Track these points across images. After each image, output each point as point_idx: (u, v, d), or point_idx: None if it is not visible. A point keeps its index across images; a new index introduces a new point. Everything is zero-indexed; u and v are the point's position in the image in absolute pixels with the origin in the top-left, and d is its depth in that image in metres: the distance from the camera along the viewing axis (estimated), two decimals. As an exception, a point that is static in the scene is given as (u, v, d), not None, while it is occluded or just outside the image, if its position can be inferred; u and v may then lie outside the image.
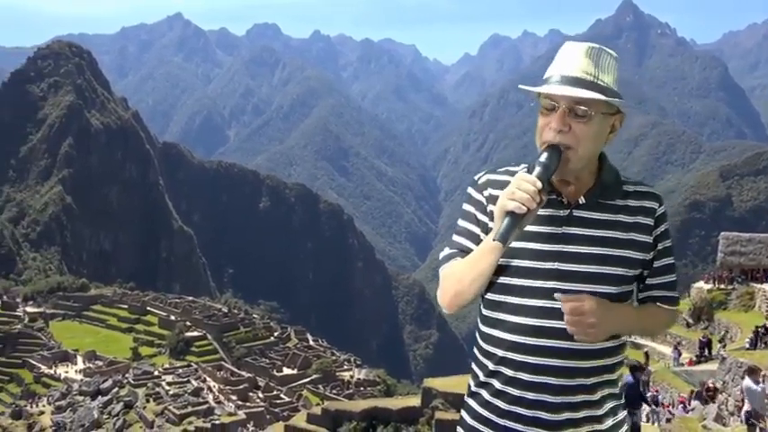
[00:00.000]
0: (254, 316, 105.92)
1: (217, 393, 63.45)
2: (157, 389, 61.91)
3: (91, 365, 78.39)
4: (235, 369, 75.12)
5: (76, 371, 77.82)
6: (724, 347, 23.32)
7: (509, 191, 2.09)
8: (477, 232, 2.29)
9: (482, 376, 2.28)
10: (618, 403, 2.33)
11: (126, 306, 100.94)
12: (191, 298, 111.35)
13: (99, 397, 62.48)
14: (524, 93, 2.28)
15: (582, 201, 2.23)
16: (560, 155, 2.13)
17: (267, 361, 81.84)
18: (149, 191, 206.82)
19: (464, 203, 2.37)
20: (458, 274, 2.20)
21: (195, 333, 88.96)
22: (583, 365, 2.19)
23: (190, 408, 56.24)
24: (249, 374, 72.27)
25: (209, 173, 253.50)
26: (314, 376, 74.65)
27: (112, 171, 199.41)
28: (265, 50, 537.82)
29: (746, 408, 11.47)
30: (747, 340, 21.98)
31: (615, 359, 2.27)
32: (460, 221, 2.36)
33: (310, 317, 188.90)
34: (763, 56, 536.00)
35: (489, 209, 2.27)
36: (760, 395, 11.33)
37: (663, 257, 2.30)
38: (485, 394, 2.27)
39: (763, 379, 11.99)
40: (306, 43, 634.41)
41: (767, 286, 29.03)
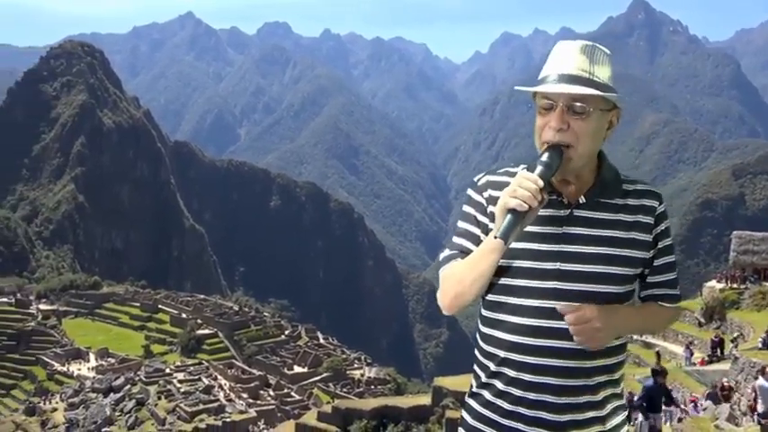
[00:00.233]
0: (264, 314, 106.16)
1: (228, 391, 63.71)
2: (169, 386, 62.22)
3: (103, 363, 78.91)
4: (246, 367, 75.39)
5: (89, 368, 78.42)
6: (736, 347, 23.17)
7: (511, 188, 2.10)
8: (477, 233, 2.29)
9: (484, 377, 2.29)
10: (620, 404, 2.33)
11: (138, 304, 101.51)
12: (202, 296, 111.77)
13: (111, 394, 62.89)
14: (522, 93, 2.29)
15: (582, 200, 2.23)
16: (561, 155, 2.14)
17: (278, 359, 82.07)
18: (161, 189, 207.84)
19: (464, 205, 2.37)
20: (458, 275, 2.20)
21: (206, 331, 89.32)
22: (584, 365, 2.19)
23: (201, 405, 56.53)
24: (260, 372, 72.53)
25: (220, 171, 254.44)
26: (324, 374, 74.78)
27: (124, 170, 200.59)
28: (276, 49, 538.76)
29: (760, 408, 11.42)
30: (760, 340, 21.81)
31: (617, 359, 2.28)
32: (460, 223, 2.36)
33: (321, 315, 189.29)
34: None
35: (489, 210, 2.28)
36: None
37: (664, 256, 2.31)
38: (487, 395, 2.27)
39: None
40: (316, 42, 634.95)
41: (780, 286, 28.81)
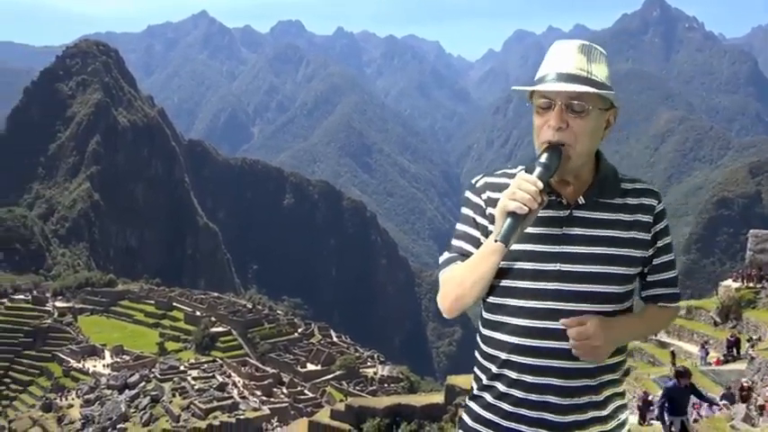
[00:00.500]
0: (278, 312, 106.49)
1: (241, 388, 63.97)
2: (183, 383, 62.52)
3: (118, 360, 79.51)
4: (259, 365, 75.66)
5: (104, 365, 79.04)
6: (753, 347, 22.96)
7: (510, 191, 2.08)
8: (476, 236, 2.28)
9: (485, 379, 2.28)
10: (622, 403, 2.33)
11: (152, 302, 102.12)
12: (216, 294, 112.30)
13: (126, 391, 63.34)
14: (520, 93, 2.31)
15: (581, 201, 2.23)
16: (560, 155, 2.14)
17: (291, 357, 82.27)
18: (175, 188, 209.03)
19: (462, 207, 2.36)
20: (458, 278, 2.19)
21: (220, 329, 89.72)
22: (587, 366, 2.18)
23: (215, 402, 56.80)
24: (273, 370, 72.75)
25: (233, 170, 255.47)
26: (337, 372, 74.92)
27: (139, 168, 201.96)
28: (289, 47, 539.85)
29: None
30: (777, 340, 21.63)
31: (618, 358, 2.27)
32: (459, 225, 2.35)
33: (334, 313, 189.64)
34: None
35: (488, 212, 2.27)
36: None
37: (663, 254, 2.31)
38: (488, 397, 2.26)
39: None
40: (329, 40, 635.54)
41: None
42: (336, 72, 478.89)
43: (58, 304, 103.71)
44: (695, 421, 14.81)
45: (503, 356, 2.21)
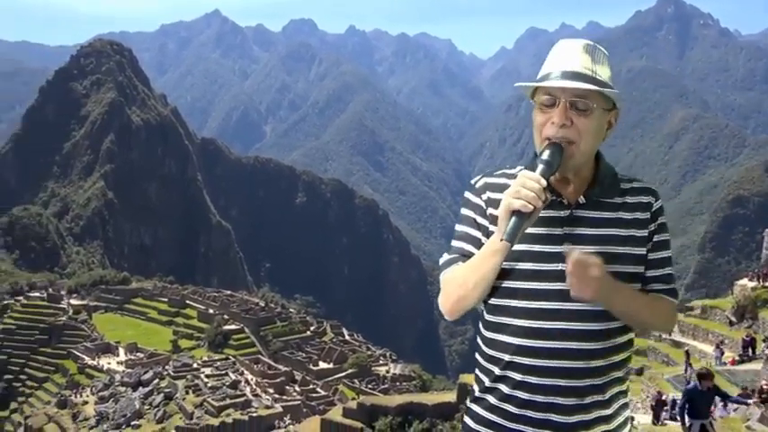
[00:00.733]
0: (290, 310, 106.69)
1: (254, 386, 64.12)
2: (196, 381, 62.87)
3: (132, 357, 79.96)
4: (272, 362, 75.82)
5: (118, 362, 79.47)
6: (769, 347, 22.75)
7: (513, 190, 2.08)
8: (477, 236, 2.28)
9: (488, 382, 2.26)
10: (625, 401, 2.31)
11: (166, 299, 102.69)
12: (228, 292, 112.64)
13: (140, 388, 63.73)
14: (523, 90, 2.28)
15: (582, 200, 2.23)
16: (562, 152, 2.13)
17: (303, 355, 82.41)
18: (188, 186, 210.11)
19: (462, 208, 2.36)
20: (460, 279, 2.19)
21: (233, 326, 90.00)
22: (591, 365, 2.17)
23: (228, 400, 57.04)
24: (286, 368, 72.87)
25: (246, 168, 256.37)
26: (350, 371, 74.96)
27: (152, 167, 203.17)
28: (301, 46, 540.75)
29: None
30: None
31: (624, 355, 2.26)
32: (459, 226, 2.34)
33: (346, 312, 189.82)
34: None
35: (489, 212, 2.26)
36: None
37: (659, 250, 2.30)
38: (491, 399, 2.24)
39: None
40: (341, 38, 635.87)
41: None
42: (348, 70, 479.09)
43: (73, 302, 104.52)
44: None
45: (506, 358, 2.20)
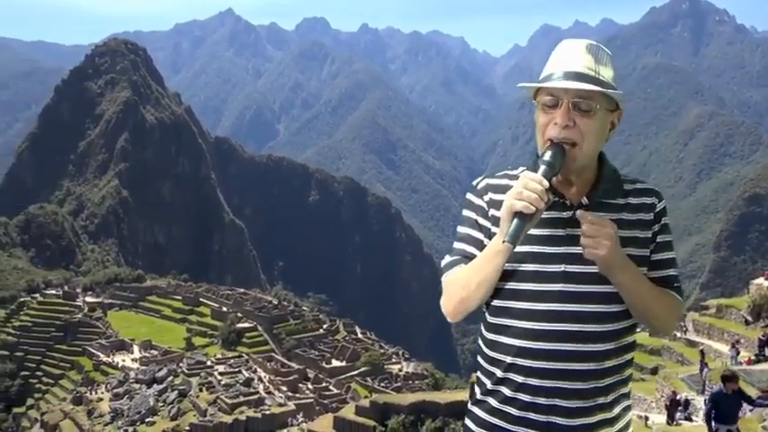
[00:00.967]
0: (303, 308, 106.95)
1: (267, 384, 64.28)
2: (210, 378, 63.11)
3: (147, 354, 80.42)
4: (285, 360, 76.01)
5: (133, 359, 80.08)
6: (785, 346, 22.53)
7: (516, 191, 2.07)
8: (479, 237, 2.26)
9: (489, 384, 2.24)
10: (628, 403, 2.29)
11: (180, 297, 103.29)
12: (242, 290, 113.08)
13: (154, 385, 64.09)
14: (526, 90, 2.26)
15: (585, 201, 2.22)
16: (564, 153, 2.12)
17: (316, 353, 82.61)
18: (201, 185, 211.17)
19: (464, 209, 2.35)
20: (462, 280, 2.17)
21: (246, 324, 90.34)
22: (594, 368, 2.15)
23: (241, 397, 57.17)
24: (299, 366, 73.05)
25: (259, 167, 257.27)
26: (362, 369, 75.00)
27: (166, 165, 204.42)
28: (314, 45, 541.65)
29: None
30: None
31: (627, 357, 2.23)
32: (461, 228, 2.33)
33: (359, 310, 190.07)
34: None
35: (491, 213, 2.25)
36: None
37: (663, 251, 2.29)
38: (492, 402, 2.23)
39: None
40: (354, 37, 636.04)
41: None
42: (361, 69, 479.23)
43: (88, 299, 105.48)
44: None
45: (508, 360, 2.18)
